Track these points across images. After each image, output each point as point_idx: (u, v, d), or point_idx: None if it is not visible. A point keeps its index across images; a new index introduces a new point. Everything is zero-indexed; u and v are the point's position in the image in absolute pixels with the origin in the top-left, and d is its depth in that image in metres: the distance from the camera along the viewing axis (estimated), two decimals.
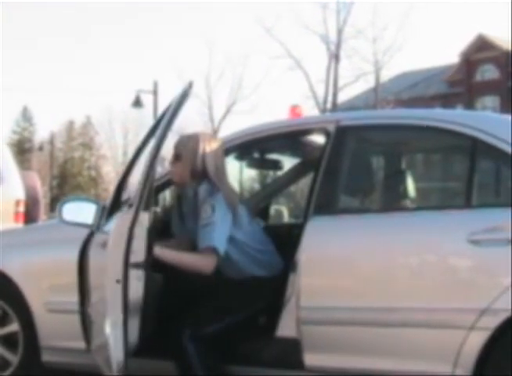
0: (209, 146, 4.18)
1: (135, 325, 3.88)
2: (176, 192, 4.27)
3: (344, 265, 3.98)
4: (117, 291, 3.80)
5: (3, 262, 4.83)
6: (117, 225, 3.98)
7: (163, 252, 3.99)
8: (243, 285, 4.15)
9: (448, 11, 77.74)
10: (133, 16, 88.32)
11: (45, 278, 4.72)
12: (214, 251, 3.97)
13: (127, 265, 3.81)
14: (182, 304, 4.25)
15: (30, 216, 9.71)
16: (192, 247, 4.18)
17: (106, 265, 3.91)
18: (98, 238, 4.32)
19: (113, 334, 3.83)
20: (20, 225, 9.02)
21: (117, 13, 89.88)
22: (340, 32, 37.47)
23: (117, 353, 3.80)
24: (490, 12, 76.83)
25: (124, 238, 3.82)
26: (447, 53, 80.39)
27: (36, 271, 4.76)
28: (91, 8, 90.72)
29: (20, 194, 9.36)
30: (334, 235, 4.05)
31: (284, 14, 65.94)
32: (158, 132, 3.91)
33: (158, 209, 4.12)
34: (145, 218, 3.88)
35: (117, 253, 3.83)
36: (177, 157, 4.23)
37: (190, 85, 3.96)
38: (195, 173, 4.16)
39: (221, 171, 4.18)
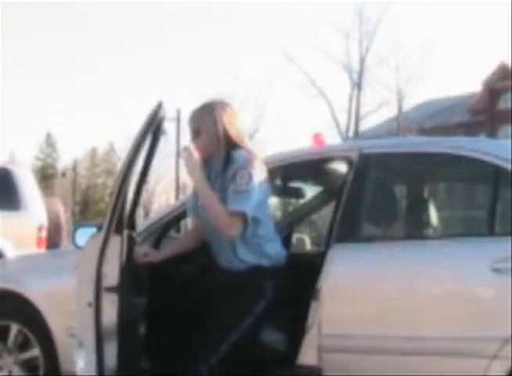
0: (224, 112, 4.05)
1: (112, 350, 3.82)
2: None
3: (367, 293, 3.96)
4: (88, 314, 3.78)
5: (25, 287, 4.85)
6: (86, 247, 3.98)
7: (203, 185, 3.91)
8: (239, 281, 3.95)
9: (470, 39, 77.71)
10: (155, 43, 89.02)
11: (66, 303, 4.71)
12: (243, 216, 3.84)
13: (98, 288, 3.79)
14: (177, 327, 4.07)
15: (52, 242, 9.76)
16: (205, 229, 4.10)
17: (77, 288, 3.91)
18: None
19: (86, 359, 3.80)
20: (42, 250, 9.06)
21: (141, 41, 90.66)
22: (362, 61, 37.79)
23: None
24: None
25: (94, 261, 3.81)
26: (469, 81, 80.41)
27: (57, 296, 4.76)
28: (116, 35, 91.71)
29: (43, 220, 9.41)
30: (356, 263, 4.03)
31: (307, 43, 66.32)
32: (127, 156, 3.93)
33: (135, 233, 4.04)
34: (116, 241, 3.86)
35: (87, 276, 3.81)
36: (196, 133, 4.07)
37: (160, 106, 3.93)
38: (219, 142, 3.99)
39: (241, 134, 4.07)
